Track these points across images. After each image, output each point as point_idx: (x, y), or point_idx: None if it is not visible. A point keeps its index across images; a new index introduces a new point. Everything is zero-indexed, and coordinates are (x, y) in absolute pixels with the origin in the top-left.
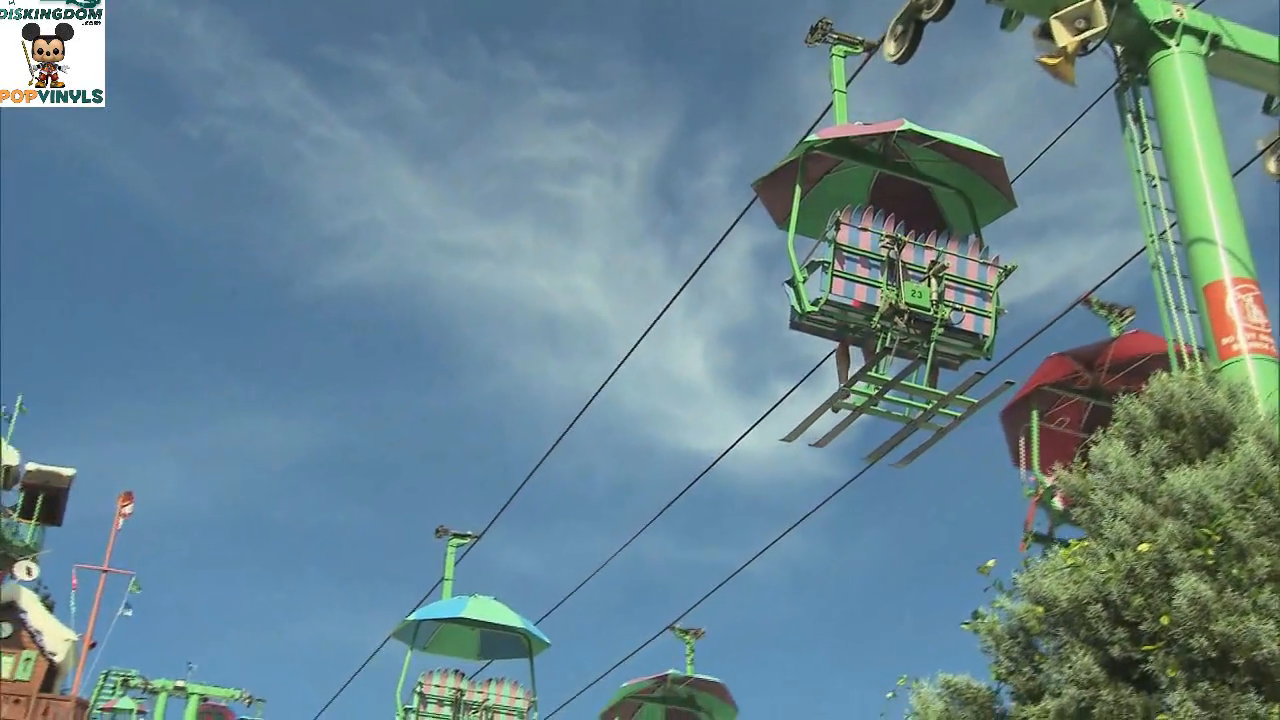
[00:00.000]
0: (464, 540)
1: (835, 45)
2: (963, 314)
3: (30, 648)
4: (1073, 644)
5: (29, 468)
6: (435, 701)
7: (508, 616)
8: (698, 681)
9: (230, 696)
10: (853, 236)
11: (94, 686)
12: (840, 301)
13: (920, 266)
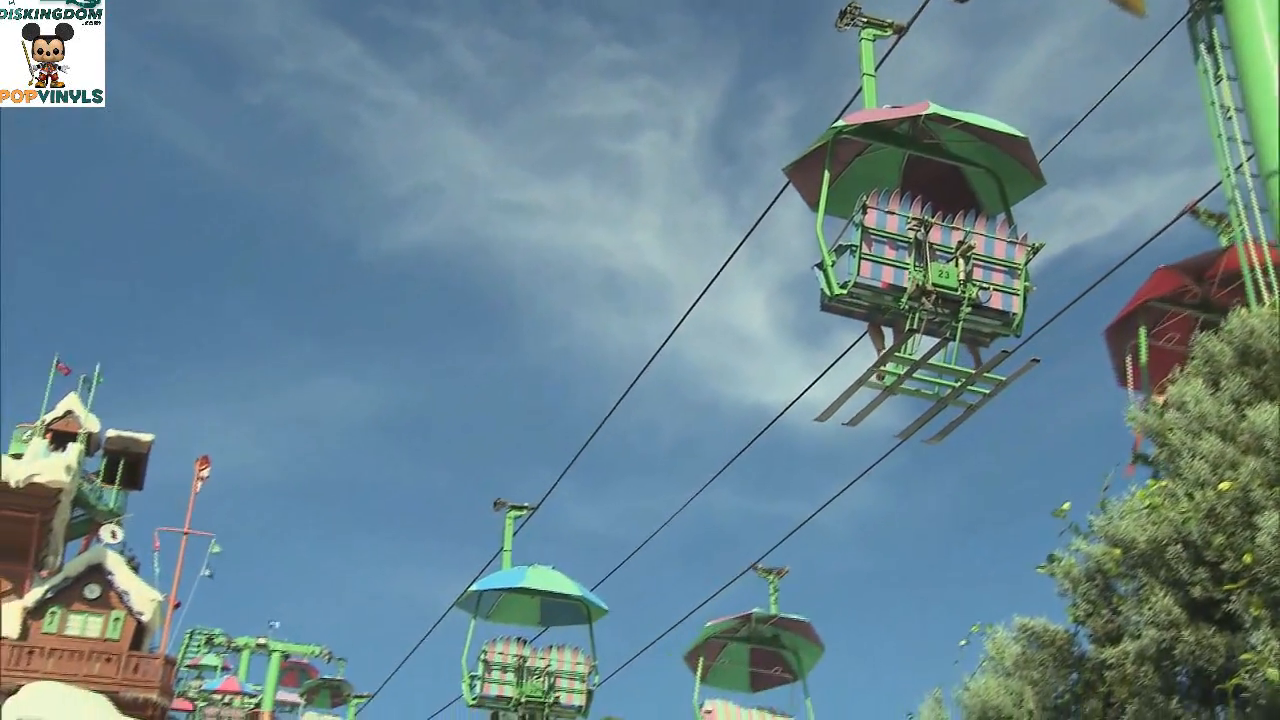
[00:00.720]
0: (521, 511)
1: (864, 29)
2: (990, 292)
3: (119, 608)
4: (1152, 585)
5: (109, 434)
6: (499, 668)
7: (566, 585)
8: (782, 620)
9: (311, 653)
10: (880, 220)
11: (180, 645)
12: (869, 284)
13: (948, 247)
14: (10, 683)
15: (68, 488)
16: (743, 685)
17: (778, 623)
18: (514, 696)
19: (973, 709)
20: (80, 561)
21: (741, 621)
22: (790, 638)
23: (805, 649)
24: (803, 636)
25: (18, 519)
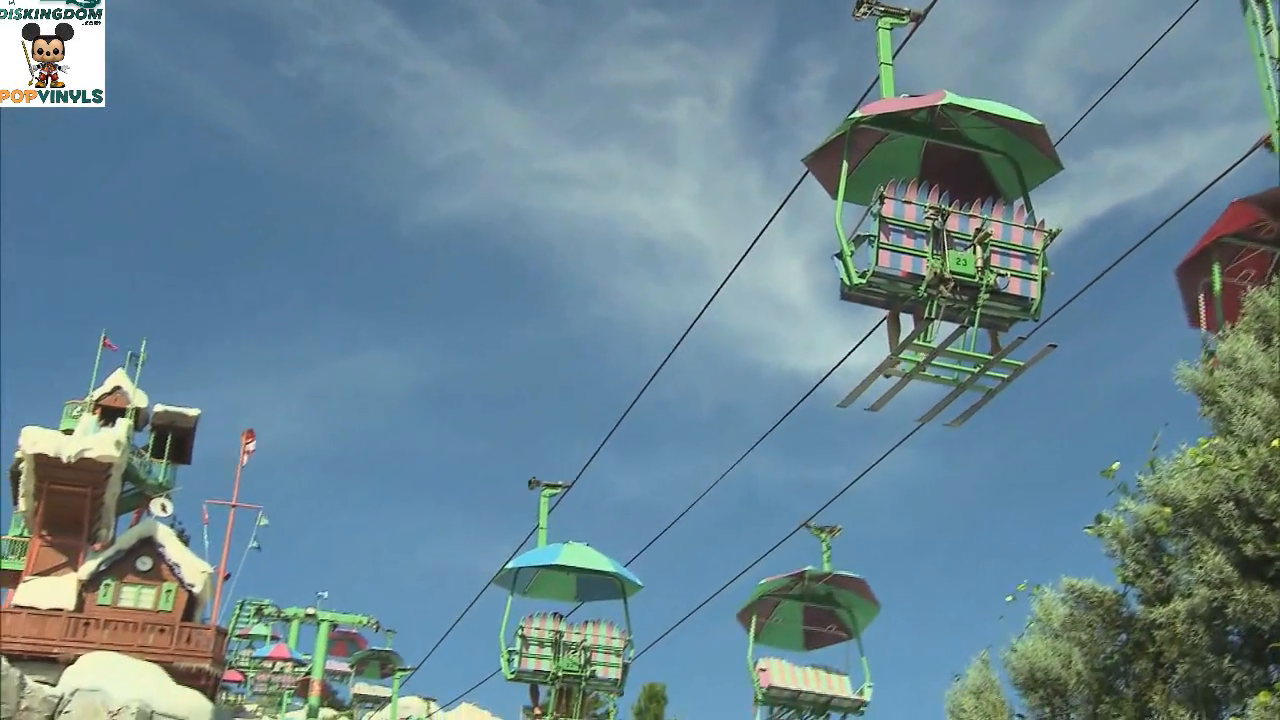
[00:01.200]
0: (556, 490)
1: (882, 17)
2: (1008, 278)
3: (170, 580)
4: (1203, 544)
5: (157, 409)
6: (536, 643)
7: (600, 562)
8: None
9: (359, 623)
10: (898, 209)
11: (230, 615)
12: (887, 273)
13: (966, 234)
14: (68, 653)
15: (118, 462)
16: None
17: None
18: (551, 670)
19: (1020, 670)
20: (132, 535)
21: (795, 580)
22: (844, 595)
23: (860, 606)
24: (857, 594)
25: (70, 493)
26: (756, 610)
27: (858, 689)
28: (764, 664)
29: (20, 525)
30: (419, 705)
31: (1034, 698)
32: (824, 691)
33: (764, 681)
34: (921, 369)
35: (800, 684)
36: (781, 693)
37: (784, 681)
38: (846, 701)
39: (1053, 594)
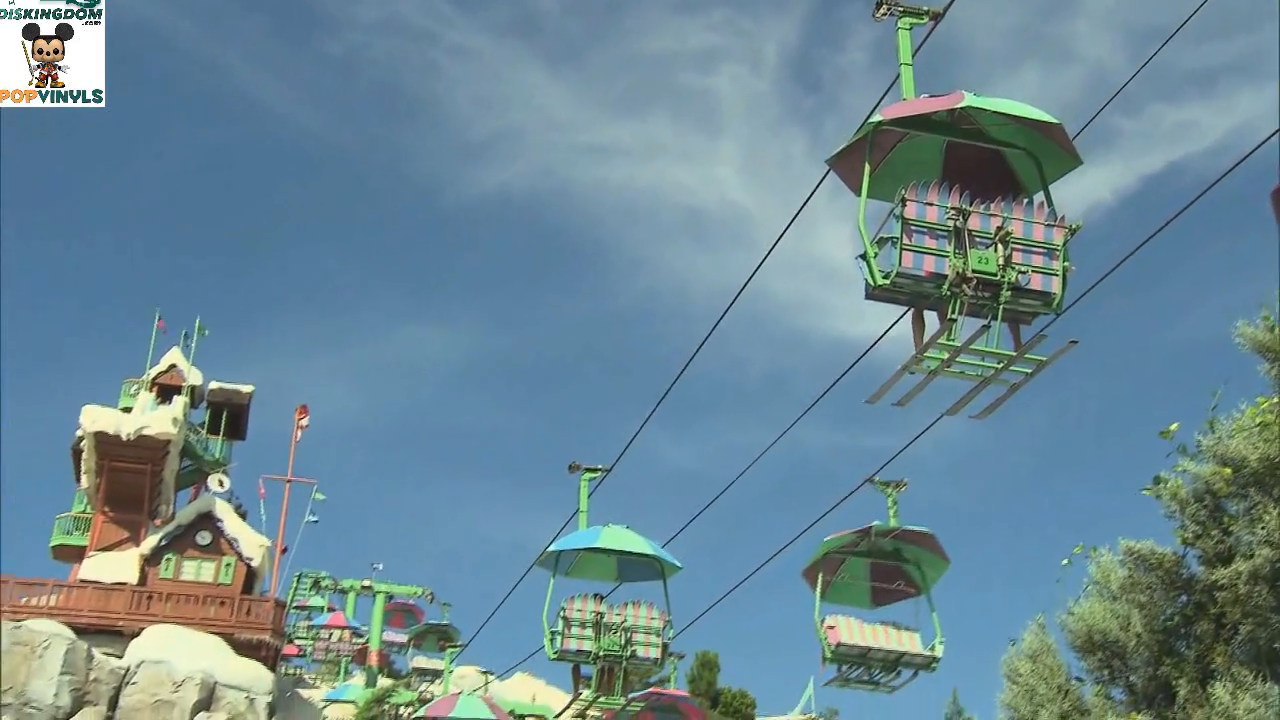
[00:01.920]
0: (595, 473)
1: (901, 17)
2: (1029, 274)
3: (229, 554)
4: (1265, 504)
5: (211, 386)
6: (578, 624)
7: (639, 544)
8: (904, 533)
9: (413, 594)
10: (919, 211)
11: (289, 588)
12: (910, 273)
13: (987, 233)
14: (132, 626)
15: (175, 439)
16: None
17: (899, 535)
18: (593, 650)
19: (1078, 633)
20: (191, 510)
21: (860, 536)
22: (912, 550)
23: (929, 562)
24: (926, 549)
25: (131, 470)
26: (822, 568)
27: (929, 645)
28: (831, 621)
29: (83, 502)
30: (475, 676)
31: (1092, 660)
32: (894, 648)
33: (832, 639)
34: (945, 366)
35: (870, 641)
36: (851, 650)
37: (853, 639)
38: (918, 658)
39: (1110, 557)
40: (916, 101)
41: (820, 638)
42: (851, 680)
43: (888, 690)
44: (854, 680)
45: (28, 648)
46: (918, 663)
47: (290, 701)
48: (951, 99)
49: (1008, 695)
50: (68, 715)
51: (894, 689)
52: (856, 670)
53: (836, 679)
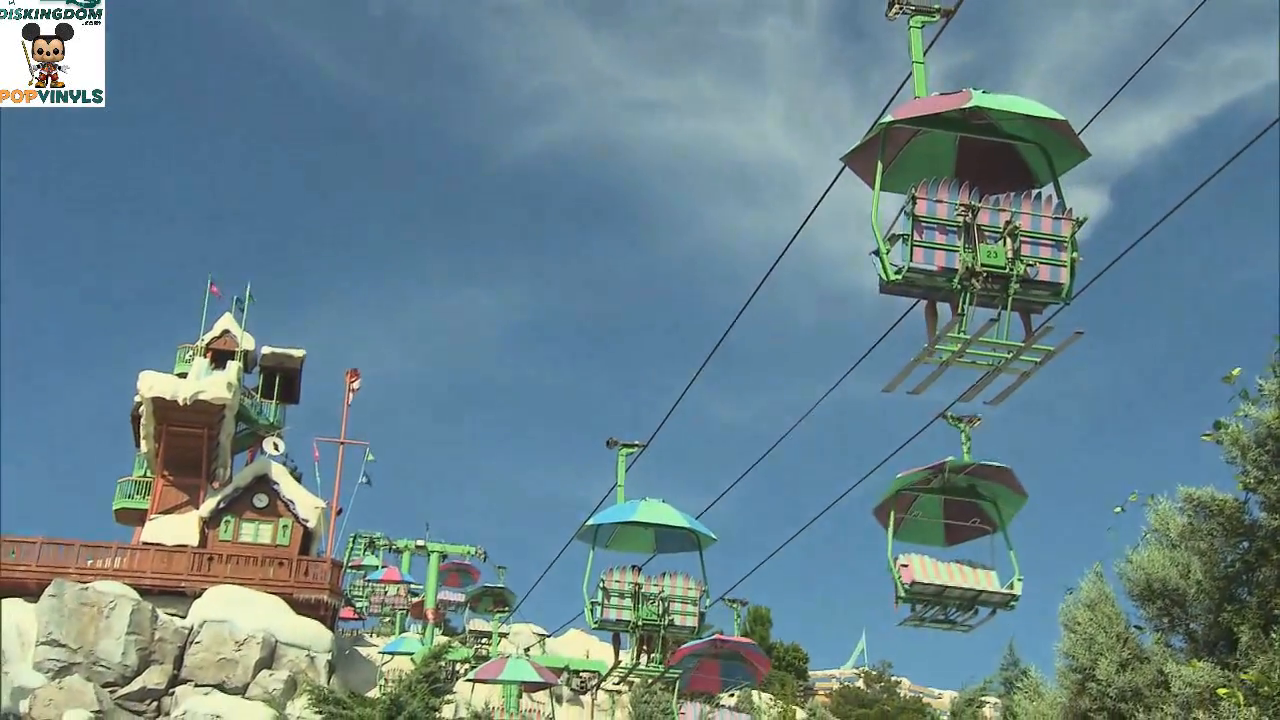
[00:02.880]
0: (632, 449)
1: (913, 16)
2: (1038, 266)
3: (286, 516)
4: None
5: (264, 351)
6: (617, 595)
7: (675, 518)
8: (980, 468)
9: (467, 553)
10: (930, 208)
11: (344, 549)
12: (922, 268)
13: (996, 227)
14: (194, 587)
15: (230, 403)
16: (937, 539)
17: (974, 471)
18: (631, 620)
19: (1136, 581)
20: (248, 473)
21: (933, 472)
22: (988, 486)
23: (1005, 498)
24: (1002, 484)
25: (188, 434)
26: (893, 505)
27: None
28: (905, 560)
29: (143, 466)
30: (530, 634)
31: (1151, 608)
32: (971, 586)
33: (906, 578)
34: (957, 357)
35: (945, 579)
36: (926, 589)
37: (927, 577)
38: (996, 596)
39: (1169, 504)
40: (926, 100)
41: (893, 576)
42: (926, 620)
43: (964, 630)
44: (928, 620)
45: (95, 608)
46: (995, 601)
47: (349, 659)
48: (960, 98)
49: (1066, 644)
50: (135, 673)
51: (970, 629)
52: (931, 610)
53: (910, 619)
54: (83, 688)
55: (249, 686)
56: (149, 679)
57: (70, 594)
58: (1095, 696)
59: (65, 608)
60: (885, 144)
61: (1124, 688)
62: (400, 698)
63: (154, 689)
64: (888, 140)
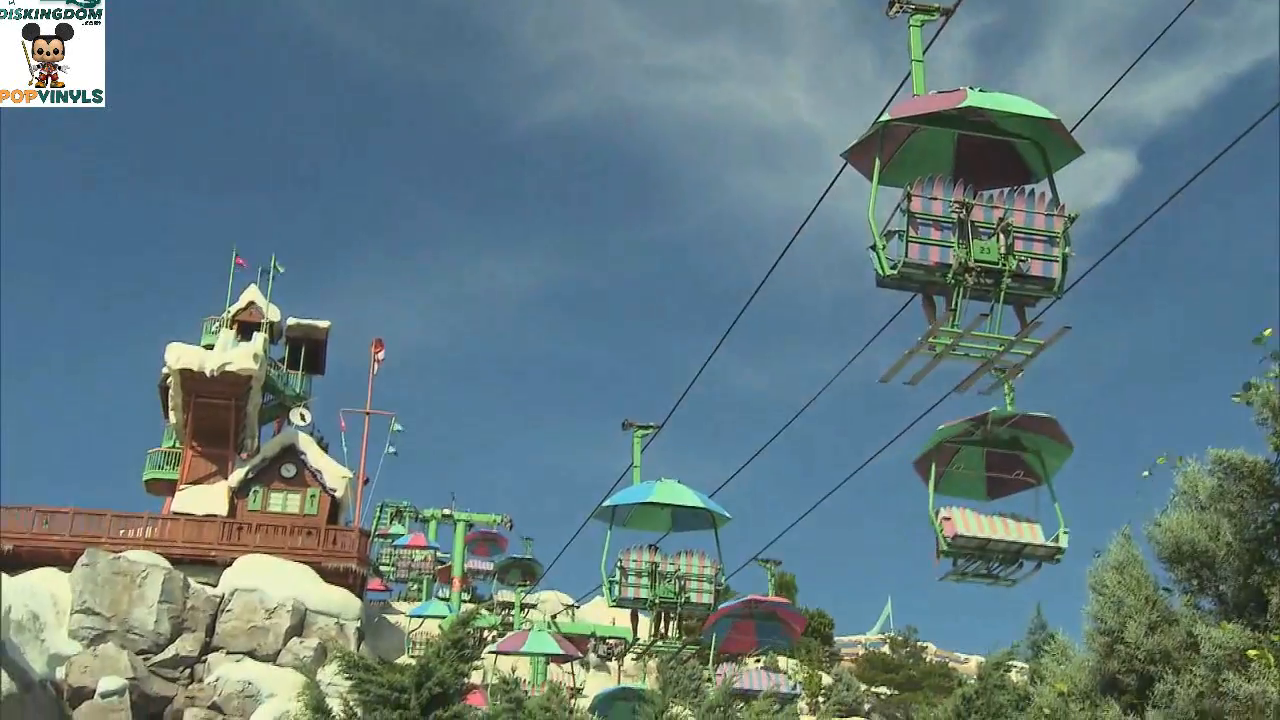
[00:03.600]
0: (648, 430)
1: (913, 15)
2: (1030, 262)
3: (313, 485)
4: None
5: (289, 322)
6: (634, 573)
7: (690, 498)
8: (1024, 419)
9: (493, 522)
10: (925, 205)
11: (371, 518)
12: (917, 263)
13: (989, 224)
14: (224, 556)
15: (257, 374)
16: (978, 493)
17: (1017, 422)
18: (649, 597)
19: (1165, 544)
20: (275, 443)
21: (976, 424)
22: (1032, 438)
23: (1050, 449)
24: (1047, 435)
25: (215, 406)
26: (935, 458)
27: (1051, 537)
28: (947, 513)
29: (172, 437)
30: (556, 601)
31: (1180, 571)
32: (1015, 539)
33: (948, 531)
34: (950, 350)
35: (988, 532)
36: (969, 542)
37: (970, 530)
38: (1041, 549)
39: (1198, 466)
40: (922, 99)
41: (935, 530)
42: (968, 574)
43: (1007, 584)
44: (971, 574)
45: (128, 577)
46: (1040, 554)
47: (377, 627)
48: (955, 97)
49: (1094, 607)
50: (168, 641)
51: (1013, 583)
52: (974, 564)
53: (952, 573)
54: (117, 655)
55: (280, 654)
56: (182, 647)
57: (103, 563)
58: (1124, 659)
59: (99, 577)
60: (884, 141)
61: (1153, 650)
62: (429, 664)
63: (187, 656)
64: (887, 137)
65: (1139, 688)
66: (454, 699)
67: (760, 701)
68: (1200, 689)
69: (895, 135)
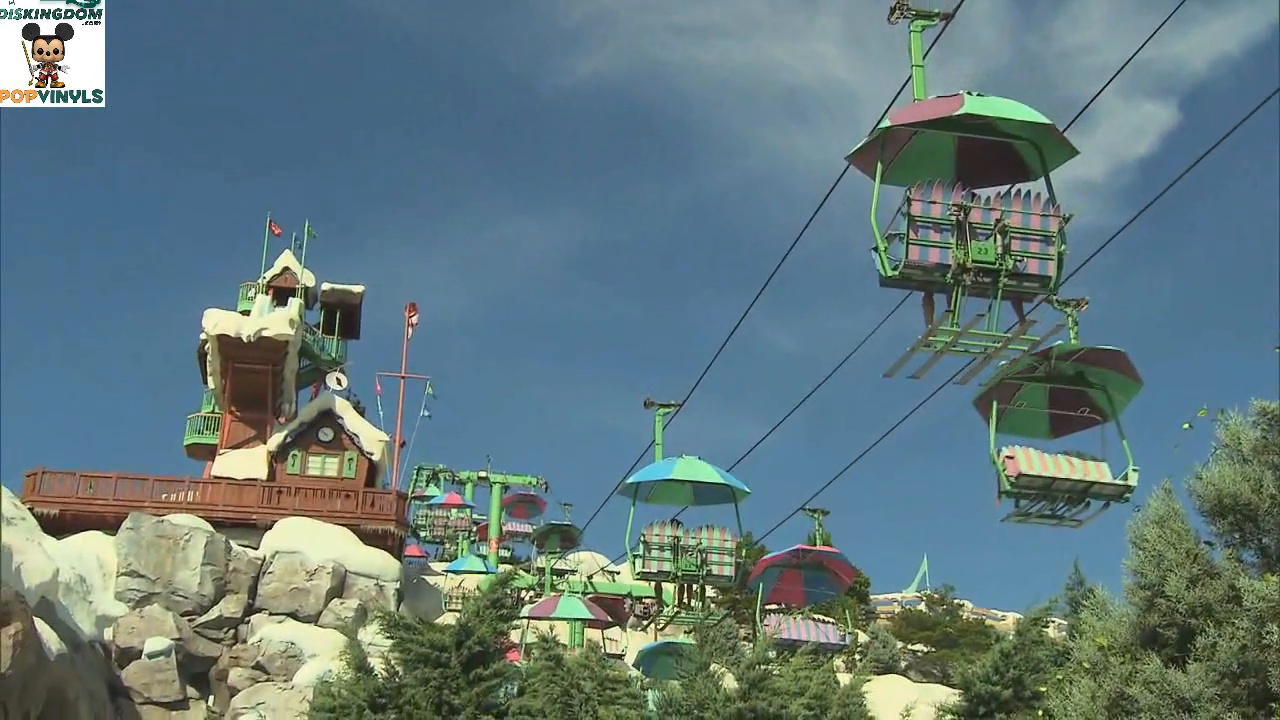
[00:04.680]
0: (669, 409)
1: (914, 21)
2: (1026, 261)
3: (351, 449)
4: None
5: (324, 287)
6: (657, 547)
7: (710, 474)
8: (1090, 353)
9: (529, 484)
10: (924, 208)
11: (408, 481)
12: (918, 264)
13: (987, 225)
14: (265, 519)
15: (293, 339)
16: (1041, 431)
17: (1084, 357)
18: (671, 570)
19: (1206, 497)
20: (312, 408)
21: (1040, 358)
22: (1098, 373)
23: (1118, 384)
24: (1115, 370)
25: (253, 371)
26: (996, 395)
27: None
28: (1010, 451)
29: (211, 402)
30: (592, 562)
31: (1222, 524)
32: (1082, 478)
33: (1011, 470)
34: (950, 346)
35: (1053, 470)
36: (1033, 481)
37: (1034, 469)
38: (1109, 488)
39: (1241, 418)
40: (922, 105)
41: (998, 469)
42: (1032, 515)
43: (1073, 524)
44: (1034, 515)
45: (171, 540)
46: (1108, 493)
47: (416, 588)
48: (953, 103)
49: (1134, 561)
50: (212, 602)
51: (1080, 523)
52: (1038, 504)
53: (1014, 514)
54: (163, 616)
55: (321, 614)
56: (225, 608)
57: (147, 526)
58: (1164, 612)
59: (143, 540)
60: (885, 145)
61: (1194, 603)
62: (469, 623)
63: (230, 618)
64: (889, 141)
65: (1180, 641)
66: (494, 657)
67: (798, 658)
68: (1243, 641)
69: (897, 138)
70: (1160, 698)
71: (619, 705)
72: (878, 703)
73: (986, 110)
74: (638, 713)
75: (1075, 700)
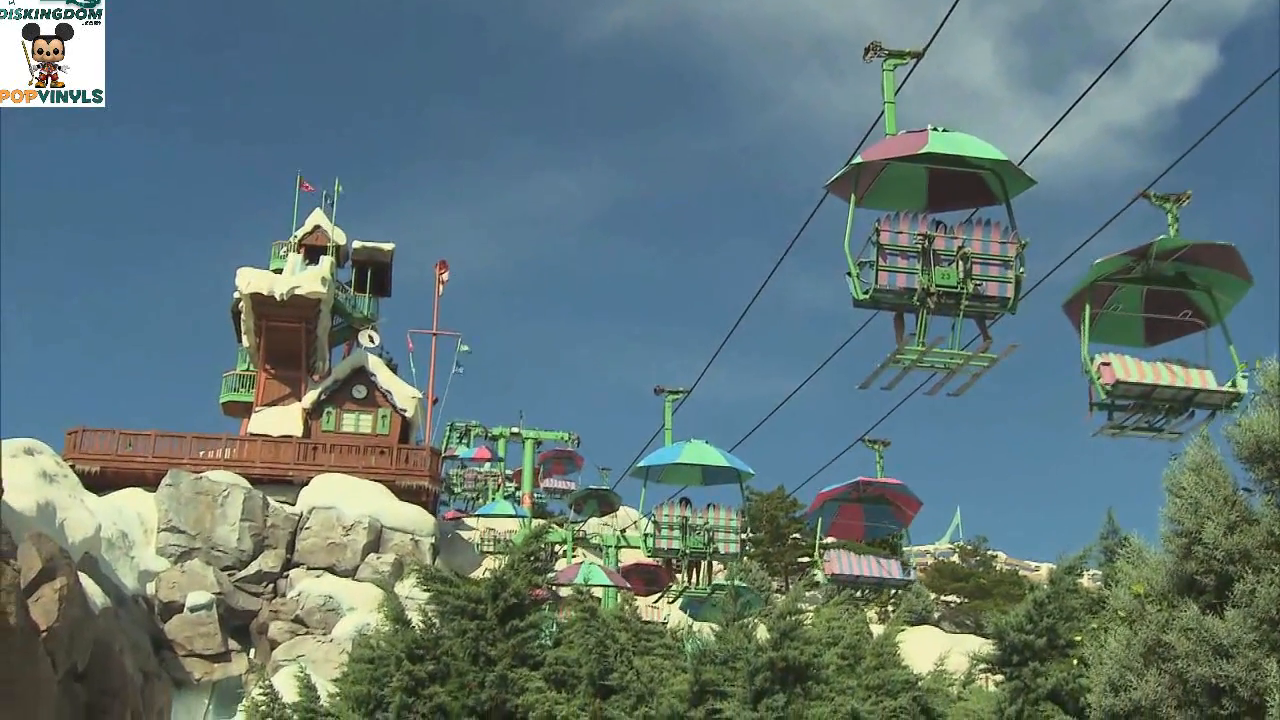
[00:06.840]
0: (678, 394)
1: (887, 60)
2: (986, 284)
3: (384, 406)
4: None
5: (355, 245)
6: (668, 526)
7: (715, 457)
8: (1196, 250)
9: (561, 439)
10: (892, 238)
11: (441, 437)
12: (887, 289)
13: (950, 252)
14: (301, 475)
15: (326, 297)
16: (1135, 338)
17: (1187, 254)
18: (681, 548)
19: (1245, 444)
20: (346, 365)
21: (1137, 258)
22: (1202, 273)
23: (1223, 284)
24: (1221, 268)
25: (286, 329)
26: (1088, 298)
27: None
28: (1105, 359)
29: (246, 360)
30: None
31: (1261, 470)
32: (1185, 385)
33: (1107, 378)
34: (918, 362)
35: (1153, 378)
36: (1131, 390)
37: (1132, 376)
38: (1215, 395)
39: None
40: (890, 143)
41: (1090, 378)
42: (1127, 428)
43: (1172, 437)
44: (1130, 427)
45: (210, 497)
46: (1214, 402)
47: (451, 543)
48: (918, 140)
49: (1171, 509)
50: (251, 558)
51: (1179, 435)
52: (1134, 416)
53: (1108, 427)
54: (203, 571)
55: (358, 569)
56: (264, 563)
57: (186, 483)
58: (1201, 560)
59: (182, 496)
60: (860, 177)
61: (1232, 550)
62: (504, 576)
63: (269, 572)
64: (863, 172)
65: (1218, 588)
66: (530, 610)
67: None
68: None
69: (871, 169)
70: (1198, 644)
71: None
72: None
73: (948, 148)
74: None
75: (1111, 648)
